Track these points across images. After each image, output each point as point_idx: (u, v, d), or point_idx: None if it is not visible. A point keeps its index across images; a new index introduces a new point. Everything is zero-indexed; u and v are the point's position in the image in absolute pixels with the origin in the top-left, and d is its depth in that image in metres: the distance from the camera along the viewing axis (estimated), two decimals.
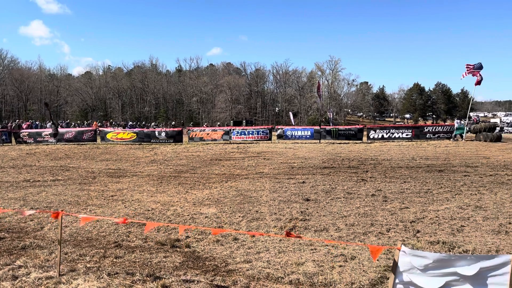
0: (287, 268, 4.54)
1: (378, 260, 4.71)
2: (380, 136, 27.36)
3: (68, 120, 68.10)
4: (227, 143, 26.79)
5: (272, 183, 10.34)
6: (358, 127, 29.23)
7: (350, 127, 30.07)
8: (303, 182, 10.36)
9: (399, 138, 27.10)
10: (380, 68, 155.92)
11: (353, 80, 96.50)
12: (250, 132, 28.43)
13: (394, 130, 27.76)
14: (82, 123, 60.09)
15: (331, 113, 59.29)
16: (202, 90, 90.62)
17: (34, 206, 7.86)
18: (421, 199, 8.23)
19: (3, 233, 6.00)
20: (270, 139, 27.97)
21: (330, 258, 4.84)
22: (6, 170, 13.38)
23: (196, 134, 28.48)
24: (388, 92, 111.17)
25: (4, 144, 26.36)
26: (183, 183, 10.65)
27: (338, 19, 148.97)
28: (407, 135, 27.13)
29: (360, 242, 5.50)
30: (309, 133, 27.83)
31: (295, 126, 39.69)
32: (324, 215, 6.98)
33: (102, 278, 4.22)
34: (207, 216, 7.04)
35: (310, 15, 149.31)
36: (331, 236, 5.82)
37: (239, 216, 7.00)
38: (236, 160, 16.32)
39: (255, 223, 6.58)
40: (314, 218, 6.79)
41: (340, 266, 4.61)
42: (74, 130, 29.73)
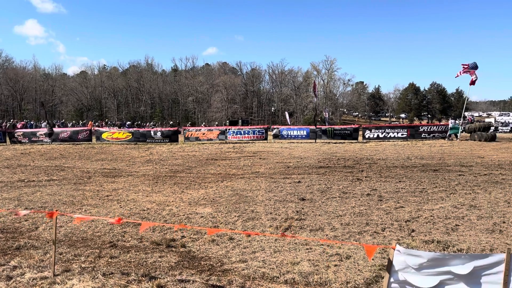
0: (282, 268, 4.55)
1: (373, 259, 4.73)
2: (375, 136, 27.46)
3: (64, 120, 67.76)
4: (223, 143, 26.79)
5: (268, 183, 10.34)
6: (353, 126, 29.31)
7: (345, 126, 30.15)
8: (299, 182, 10.37)
9: (394, 137, 27.20)
10: (375, 68, 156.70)
11: (348, 80, 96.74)
12: (246, 131, 28.44)
13: (389, 130, 27.87)
14: (77, 123, 59.81)
15: (326, 112, 59.41)
16: (198, 90, 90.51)
17: (28, 206, 7.82)
18: (416, 198, 8.27)
19: None
20: (266, 138, 27.99)
21: (326, 258, 4.86)
22: (1, 170, 13.31)
23: (192, 134, 28.45)
24: (383, 92, 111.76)
25: None
26: (178, 183, 10.64)
27: (334, 19, 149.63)
28: (402, 134, 27.24)
29: (355, 242, 5.51)
30: (304, 132, 27.88)
31: (291, 125, 39.69)
32: (319, 215, 6.99)
33: (97, 278, 4.21)
34: (202, 216, 7.03)
35: (306, 15, 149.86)
36: (327, 235, 5.83)
37: (235, 216, 7.00)
38: (232, 159, 16.32)
39: (251, 222, 6.58)
40: (310, 218, 6.80)
41: (336, 265, 4.62)
42: (69, 130, 29.61)
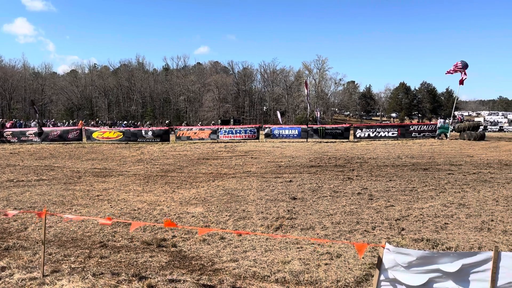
0: (273, 267, 4.56)
1: (363, 258, 4.76)
2: (366, 135, 27.61)
3: (53, 119, 67.15)
4: (214, 142, 26.74)
5: (259, 182, 10.35)
6: (344, 126, 29.45)
7: (337, 126, 30.29)
8: (290, 181, 10.40)
9: (385, 137, 27.38)
10: (366, 68, 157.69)
11: (340, 79, 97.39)
12: (238, 131, 28.42)
13: (380, 129, 28.05)
14: (67, 122, 59.29)
15: (318, 112, 59.59)
16: (190, 89, 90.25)
17: (17, 207, 7.73)
18: (406, 197, 8.33)
19: None
20: (258, 138, 28.00)
21: (316, 256, 4.87)
22: None
23: (183, 133, 28.34)
24: (374, 91, 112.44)
25: None
26: (170, 182, 10.60)
27: (326, 19, 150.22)
28: (393, 134, 27.43)
29: (346, 240, 5.54)
30: (296, 132, 27.94)
31: (282, 125, 39.76)
32: (310, 214, 7.02)
33: (87, 279, 4.18)
34: (193, 216, 7.02)
35: (298, 14, 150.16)
36: (317, 234, 5.86)
37: (226, 215, 6.99)
38: (223, 159, 16.30)
39: (242, 222, 6.58)
40: (301, 217, 6.82)
41: (326, 264, 4.64)
42: (59, 129, 29.33)
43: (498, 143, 24.04)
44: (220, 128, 28.77)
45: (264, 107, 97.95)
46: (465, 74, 26.44)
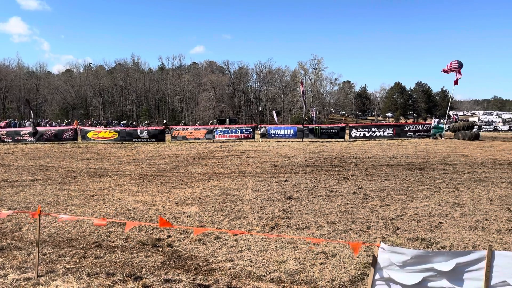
0: (268, 266, 4.56)
1: (358, 257, 4.77)
2: (362, 135, 27.68)
3: (48, 119, 66.81)
4: (210, 142, 26.70)
5: (255, 182, 10.35)
6: (340, 125, 29.56)
7: (332, 125, 30.39)
8: (286, 181, 10.41)
9: (380, 136, 27.46)
10: (362, 67, 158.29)
11: (335, 79, 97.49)
12: (234, 130, 28.41)
13: (375, 129, 28.14)
14: (62, 122, 59.00)
15: (314, 111, 59.64)
16: (185, 89, 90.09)
17: (12, 207, 7.69)
18: (401, 196, 8.36)
19: None
20: (254, 137, 27.99)
21: (312, 256, 4.88)
22: None
23: (179, 133, 28.28)
24: (370, 91, 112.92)
25: None
26: (165, 182, 10.58)
27: (321, 19, 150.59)
28: (388, 133, 27.52)
29: (341, 240, 5.55)
30: (292, 131, 27.97)
31: (278, 124, 39.80)
32: (306, 213, 7.03)
33: (81, 279, 4.16)
34: (189, 215, 7.01)
35: (294, 14, 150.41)
36: (313, 233, 5.87)
37: (222, 215, 6.99)
38: (219, 159, 16.29)
39: (238, 221, 6.58)
40: (296, 216, 6.83)
41: (321, 263, 4.65)
42: (54, 129, 29.19)
43: (492, 142, 24.19)
44: (216, 128, 28.75)
45: (260, 107, 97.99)
46: (460, 74, 26.59)
